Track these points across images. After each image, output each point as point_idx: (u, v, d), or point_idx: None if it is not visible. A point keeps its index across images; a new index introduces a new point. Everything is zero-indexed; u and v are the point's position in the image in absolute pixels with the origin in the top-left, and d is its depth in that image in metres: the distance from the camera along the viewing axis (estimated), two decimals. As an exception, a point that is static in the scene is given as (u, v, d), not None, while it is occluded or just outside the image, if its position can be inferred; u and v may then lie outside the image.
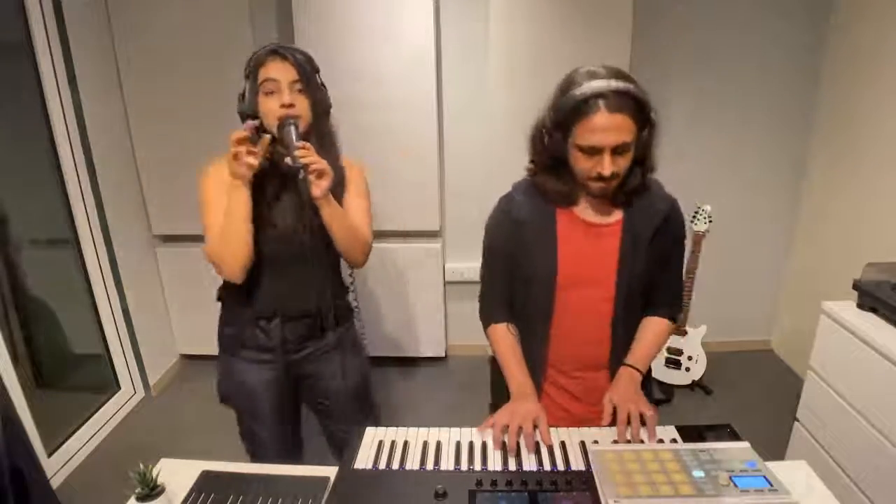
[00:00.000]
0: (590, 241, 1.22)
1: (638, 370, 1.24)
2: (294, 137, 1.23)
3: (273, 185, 1.33)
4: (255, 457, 1.56)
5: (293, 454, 1.60)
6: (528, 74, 2.52)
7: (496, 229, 1.29)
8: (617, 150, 1.07)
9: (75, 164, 2.43)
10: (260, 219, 1.32)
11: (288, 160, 1.23)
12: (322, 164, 1.23)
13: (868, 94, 2.38)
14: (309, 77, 1.29)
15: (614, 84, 1.04)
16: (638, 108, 1.06)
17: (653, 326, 1.31)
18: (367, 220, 1.44)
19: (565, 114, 1.07)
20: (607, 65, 1.10)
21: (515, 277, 1.29)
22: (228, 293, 1.46)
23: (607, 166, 1.08)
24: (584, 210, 1.22)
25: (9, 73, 2.29)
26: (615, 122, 1.04)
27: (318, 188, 1.24)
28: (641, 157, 1.14)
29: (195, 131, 2.65)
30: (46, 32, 2.25)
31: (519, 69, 2.54)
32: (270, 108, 1.27)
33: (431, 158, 2.68)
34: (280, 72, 1.26)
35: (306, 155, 1.21)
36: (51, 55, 2.28)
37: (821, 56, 2.66)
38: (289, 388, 1.53)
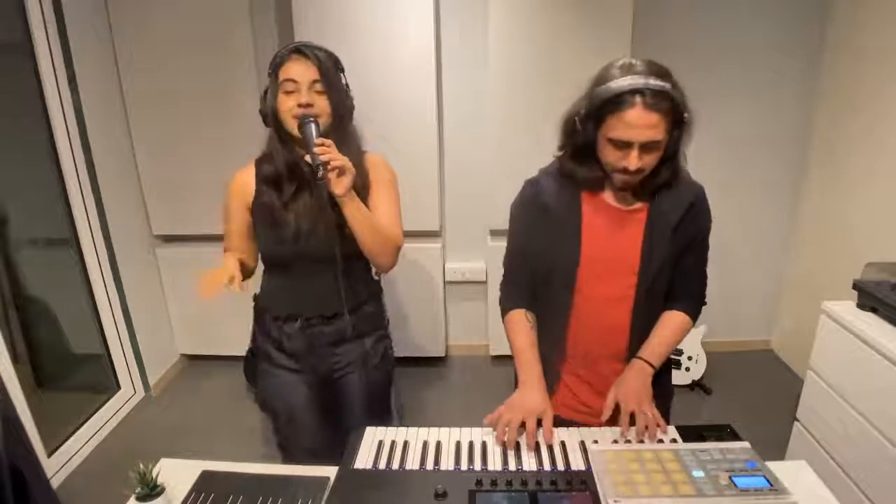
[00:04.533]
0: (614, 227, 1.21)
1: (650, 364, 1.22)
2: (314, 134, 1.21)
3: (290, 186, 1.31)
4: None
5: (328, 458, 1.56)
6: (527, 75, 2.51)
7: (521, 212, 1.29)
8: (646, 147, 1.07)
9: (75, 164, 2.42)
10: (275, 221, 1.32)
11: (307, 157, 1.21)
12: (343, 160, 1.20)
13: (868, 95, 2.38)
14: (331, 77, 1.26)
15: (653, 82, 1.03)
16: (673, 108, 1.06)
17: (671, 320, 1.28)
18: (396, 220, 1.38)
19: (600, 104, 1.07)
20: (646, 60, 1.09)
21: (537, 262, 1.27)
22: (257, 296, 1.48)
23: (634, 162, 1.08)
24: (611, 196, 1.22)
25: (9, 73, 2.29)
26: (649, 119, 1.04)
27: (340, 186, 1.21)
28: (671, 154, 1.14)
29: (195, 131, 2.65)
30: (46, 32, 2.25)
31: (519, 70, 2.53)
32: (288, 107, 1.24)
33: (431, 158, 2.68)
34: (300, 72, 1.24)
35: (326, 151, 1.18)
36: (51, 55, 2.28)
37: (821, 56, 2.66)
38: (323, 398, 1.49)
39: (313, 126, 1.22)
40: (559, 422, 1.20)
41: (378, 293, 1.52)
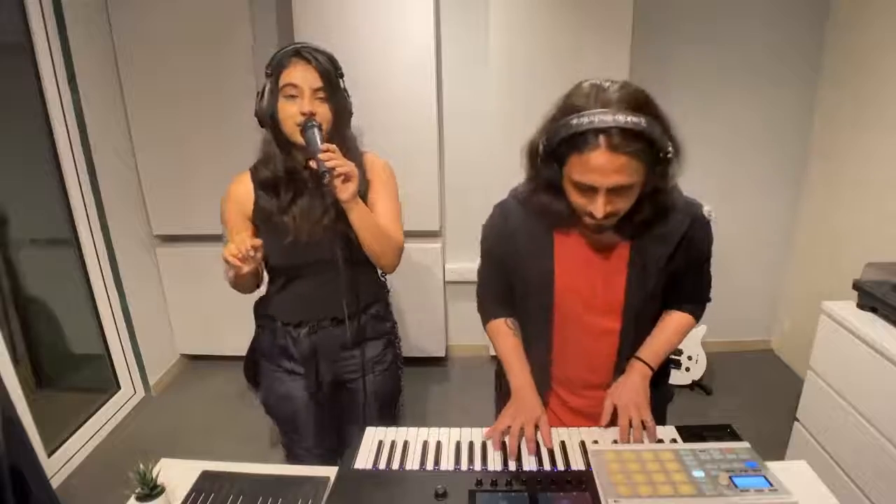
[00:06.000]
0: (593, 264, 1.12)
1: (649, 366, 1.17)
2: (318, 140, 1.19)
3: (288, 192, 1.29)
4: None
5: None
6: (528, 75, 2.51)
7: (491, 237, 1.22)
8: (615, 191, 0.94)
9: (75, 164, 2.43)
10: (275, 227, 1.30)
11: (312, 164, 1.19)
12: (349, 166, 1.19)
13: (867, 94, 2.38)
14: (333, 84, 1.24)
15: (622, 119, 0.88)
16: (648, 146, 0.91)
17: (672, 320, 1.22)
18: (397, 221, 1.38)
19: (560, 142, 0.94)
20: (620, 82, 0.94)
21: (513, 282, 1.22)
22: (260, 302, 1.46)
23: (600, 209, 0.94)
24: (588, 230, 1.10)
25: (9, 73, 2.29)
26: (616, 163, 0.89)
27: (346, 192, 1.20)
28: (653, 191, 1.00)
29: (195, 131, 2.66)
30: (46, 32, 2.25)
31: (519, 70, 2.53)
32: (290, 114, 1.22)
33: (431, 158, 2.68)
34: (303, 77, 1.21)
35: (331, 158, 1.17)
36: (51, 55, 2.28)
37: (821, 56, 2.66)
38: (329, 402, 1.48)
39: (317, 131, 1.20)
40: None
41: (385, 297, 1.51)
